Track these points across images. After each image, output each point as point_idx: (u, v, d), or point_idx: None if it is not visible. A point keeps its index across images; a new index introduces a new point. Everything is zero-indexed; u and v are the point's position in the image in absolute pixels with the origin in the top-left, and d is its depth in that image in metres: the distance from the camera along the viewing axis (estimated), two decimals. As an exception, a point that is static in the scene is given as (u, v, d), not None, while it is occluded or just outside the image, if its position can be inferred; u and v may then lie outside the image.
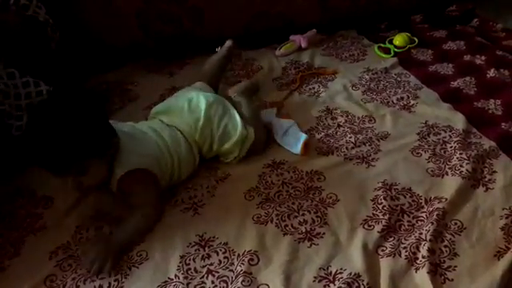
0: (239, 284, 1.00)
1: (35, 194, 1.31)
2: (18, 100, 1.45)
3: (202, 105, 1.35)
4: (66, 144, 1.07)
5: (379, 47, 1.90)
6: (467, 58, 1.78)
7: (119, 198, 1.22)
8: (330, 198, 1.21)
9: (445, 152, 1.32)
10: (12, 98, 1.43)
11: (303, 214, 1.16)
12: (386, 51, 1.88)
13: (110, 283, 1.03)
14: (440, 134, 1.39)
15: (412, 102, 1.56)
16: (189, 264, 1.06)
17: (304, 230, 1.12)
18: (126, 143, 1.20)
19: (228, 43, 1.71)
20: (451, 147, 1.33)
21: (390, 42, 1.92)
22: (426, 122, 1.44)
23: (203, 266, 1.05)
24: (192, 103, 1.37)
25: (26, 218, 1.23)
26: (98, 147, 1.13)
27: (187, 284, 1.01)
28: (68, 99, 1.19)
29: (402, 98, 1.58)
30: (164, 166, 1.24)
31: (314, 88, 1.70)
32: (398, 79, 1.69)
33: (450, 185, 1.20)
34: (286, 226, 1.14)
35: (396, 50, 1.87)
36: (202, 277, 1.03)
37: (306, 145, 1.37)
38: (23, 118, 1.43)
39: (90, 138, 1.11)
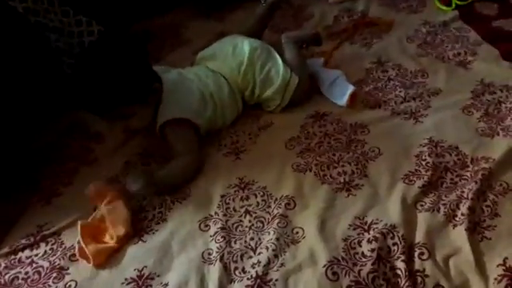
0: (275, 225, 1.03)
1: (88, 129, 1.39)
2: (71, 38, 1.50)
3: (246, 49, 1.36)
4: (110, 87, 1.13)
5: (440, -1, 1.80)
6: (537, 14, 1.65)
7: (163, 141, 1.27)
8: (373, 151, 1.20)
9: (498, 112, 1.26)
10: (66, 36, 1.49)
11: (343, 166, 1.16)
12: (447, 3, 1.77)
13: (154, 215, 1.10)
14: (496, 93, 1.32)
15: (469, 58, 1.48)
16: (228, 203, 1.10)
17: (342, 181, 1.12)
18: (171, 92, 1.24)
19: None
20: (506, 107, 1.26)
21: (453, -7, 1.80)
22: (481, 80, 1.37)
23: (242, 206, 1.09)
24: (237, 48, 1.38)
25: (80, 151, 1.32)
26: (139, 92, 1.18)
27: (226, 221, 1.06)
28: (115, 43, 1.22)
29: (459, 54, 1.50)
30: (208, 113, 1.27)
31: (366, 38, 1.65)
32: (457, 34, 1.60)
33: (500, 146, 1.15)
34: (325, 175, 1.15)
35: (458, 2, 1.76)
36: (240, 216, 1.07)
37: (352, 97, 1.34)
38: (74, 56, 1.49)
39: (132, 83, 1.16)
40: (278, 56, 1.39)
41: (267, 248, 0.98)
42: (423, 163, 1.14)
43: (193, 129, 1.24)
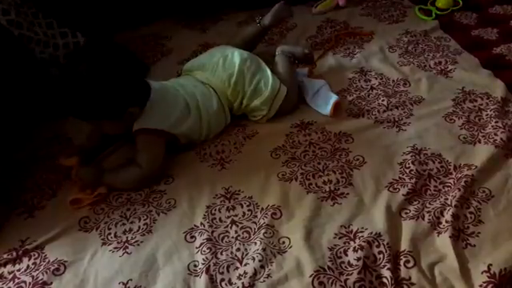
0: (261, 235, 1.03)
1: (71, 141, 1.36)
2: (57, 50, 1.49)
3: (236, 61, 1.35)
4: (97, 96, 1.12)
5: (420, 9, 1.83)
6: (514, 23, 1.69)
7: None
8: (357, 159, 1.21)
9: (479, 119, 1.28)
10: (51, 48, 1.47)
11: (328, 174, 1.17)
12: (427, 13, 1.80)
13: (139, 227, 1.09)
14: (476, 100, 1.35)
15: (450, 67, 1.50)
16: (214, 214, 1.10)
17: (328, 190, 1.13)
18: (153, 101, 1.22)
19: (270, 18, 1.57)
20: (487, 115, 1.29)
21: (432, 3, 1.84)
22: (462, 88, 1.40)
23: (228, 217, 1.09)
24: (227, 60, 1.37)
25: (63, 163, 1.29)
26: (116, 111, 1.17)
27: (212, 232, 1.06)
28: (101, 54, 1.21)
29: (440, 63, 1.53)
30: (191, 124, 1.26)
31: (349, 48, 1.67)
32: (438, 43, 1.63)
33: (482, 153, 1.17)
34: (310, 184, 1.15)
35: (438, 12, 1.80)
36: (226, 226, 1.07)
37: (336, 106, 1.35)
38: (61, 68, 1.47)
39: (120, 91, 1.15)
40: (266, 67, 1.39)
41: (254, 259, 0.98)
42: (407, 171, 1.15)
43: (165, 139, 1.22)
